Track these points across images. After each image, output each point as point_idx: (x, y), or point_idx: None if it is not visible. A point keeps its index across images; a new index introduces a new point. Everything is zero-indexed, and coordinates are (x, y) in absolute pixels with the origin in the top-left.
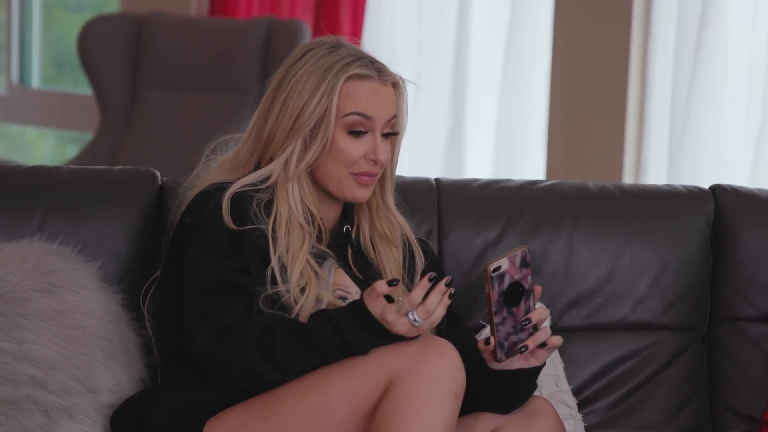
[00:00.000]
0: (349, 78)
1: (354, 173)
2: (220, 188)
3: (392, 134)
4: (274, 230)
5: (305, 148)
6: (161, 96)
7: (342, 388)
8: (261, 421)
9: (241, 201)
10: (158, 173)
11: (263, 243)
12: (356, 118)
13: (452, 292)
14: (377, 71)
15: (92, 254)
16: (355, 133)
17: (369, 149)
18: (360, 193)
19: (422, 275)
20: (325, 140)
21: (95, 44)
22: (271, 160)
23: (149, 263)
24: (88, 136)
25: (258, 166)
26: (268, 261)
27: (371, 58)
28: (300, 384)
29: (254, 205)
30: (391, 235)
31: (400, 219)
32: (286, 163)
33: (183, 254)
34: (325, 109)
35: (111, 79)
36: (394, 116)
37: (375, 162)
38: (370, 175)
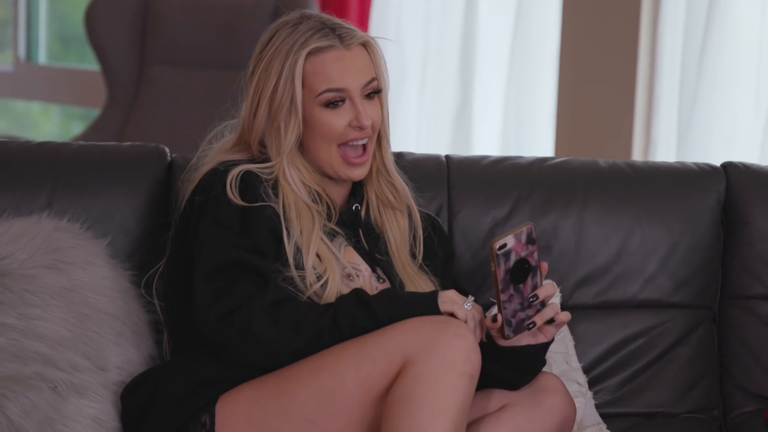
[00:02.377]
0: (310, 54)
1: (341, 144)
2: (229, 166)
3: (375, 93)
4: (284, 211)
5: (285, 128)
6: (168, 72)
7: (356, 367)
8: (273, 399)
9: (251, 178)
10: (167, 149)
11: (275, 221)
12: (329, 94)
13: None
14: (339, 37)
15: (101, 231)
16: (333, 105)
17: (351, 117)
18: (354, 173)
19: (426, 246)
20: (298, 120)
21: (102, 20)
22: (263, 146)
23: (158, 240)
24: (94, 112)
25: (254, 156)
26: (280, 239)
27: (335, 25)
28: (313, 363)
29: (264, 183)
30: (395, 200)
31: (397, 180)
32: (277, 149)
33: (192, 233)
34: (292, 91)
35: (118, 55)
36: (373, 78)
37: (360, 128)
38: (357, 152)
